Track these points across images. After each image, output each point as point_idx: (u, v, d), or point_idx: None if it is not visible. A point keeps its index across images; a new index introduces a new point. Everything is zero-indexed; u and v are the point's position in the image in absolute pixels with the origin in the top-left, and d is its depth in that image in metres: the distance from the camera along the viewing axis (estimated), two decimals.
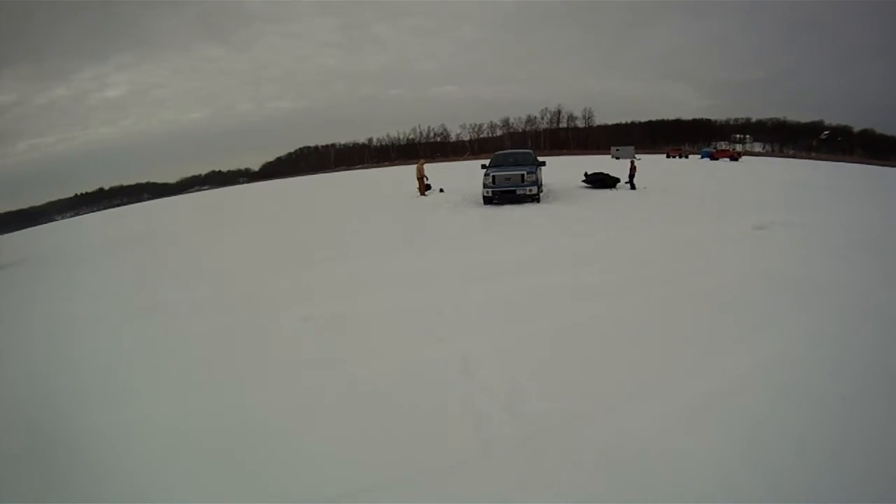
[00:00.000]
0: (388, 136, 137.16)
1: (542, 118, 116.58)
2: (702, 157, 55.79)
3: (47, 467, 2.74)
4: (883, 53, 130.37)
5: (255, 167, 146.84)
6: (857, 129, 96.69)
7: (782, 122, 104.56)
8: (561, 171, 21.42)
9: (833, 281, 5.13)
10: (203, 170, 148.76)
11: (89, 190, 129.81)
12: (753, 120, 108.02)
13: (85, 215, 64.87)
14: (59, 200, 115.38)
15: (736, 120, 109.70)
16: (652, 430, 2.61)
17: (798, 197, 13.77)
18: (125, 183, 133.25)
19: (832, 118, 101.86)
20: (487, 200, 13.37)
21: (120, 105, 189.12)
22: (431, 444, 2.64)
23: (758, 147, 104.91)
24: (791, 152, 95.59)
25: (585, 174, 17.97)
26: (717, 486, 2.20)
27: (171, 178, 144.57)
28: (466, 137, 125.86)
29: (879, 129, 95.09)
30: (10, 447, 2.97)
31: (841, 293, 4.72)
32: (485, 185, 13.40)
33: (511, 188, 13.07)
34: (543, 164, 14.86)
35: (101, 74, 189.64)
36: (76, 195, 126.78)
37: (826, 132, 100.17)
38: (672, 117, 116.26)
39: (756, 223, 8.50)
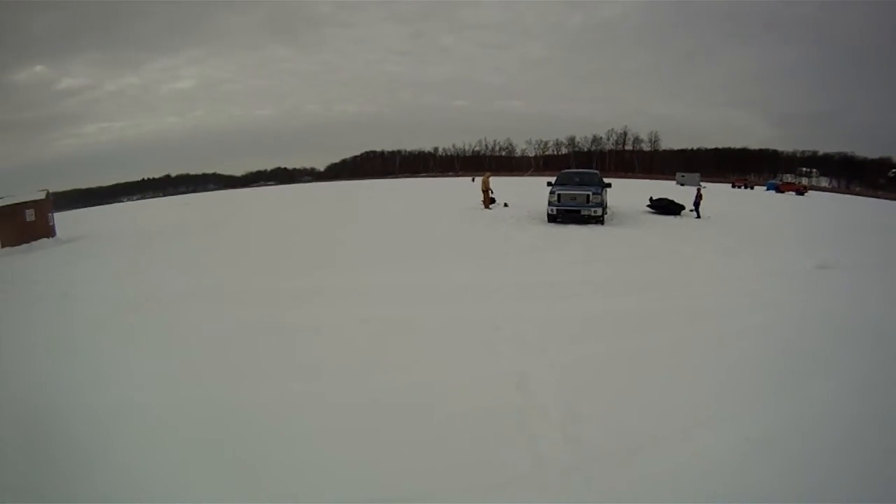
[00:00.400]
0: (453, 146, 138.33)
1: (608, 139, 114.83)
2: (767, 189, 53.66)
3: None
4: None
5: (321, 167, 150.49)
6: None
7: (850, 158, 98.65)
8: (626, 193, 21.25)
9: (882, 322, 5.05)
10: (269, 165, 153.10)
11: (156, 176, 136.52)
12: (820, 153, 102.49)
13: (150, 199, 68.99)
14: (127, 183, 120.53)
15: (803, 152, 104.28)
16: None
17: (864, 237, 13.26)
18: (191, 172, 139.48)
19: None
20: (552, 218, 13.44)
21: (189, 97, 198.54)
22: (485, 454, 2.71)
23: (824, 182, 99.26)
24: (857, 189, 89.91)
25: (650, 199, 17.81)
26: None
27: (237, 171, 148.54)
28: (531, 153, 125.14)
29: None
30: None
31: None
32: (550, 203, 13.48)
33: (576, 208, 13.13)
34: (609, 185, 14.85)
35: (171, 66, 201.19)
36: (143, 179, 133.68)
37: (894, 170, 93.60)
38: (738, 146, 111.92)
39: (819, 262, 8.38)
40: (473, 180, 32.36)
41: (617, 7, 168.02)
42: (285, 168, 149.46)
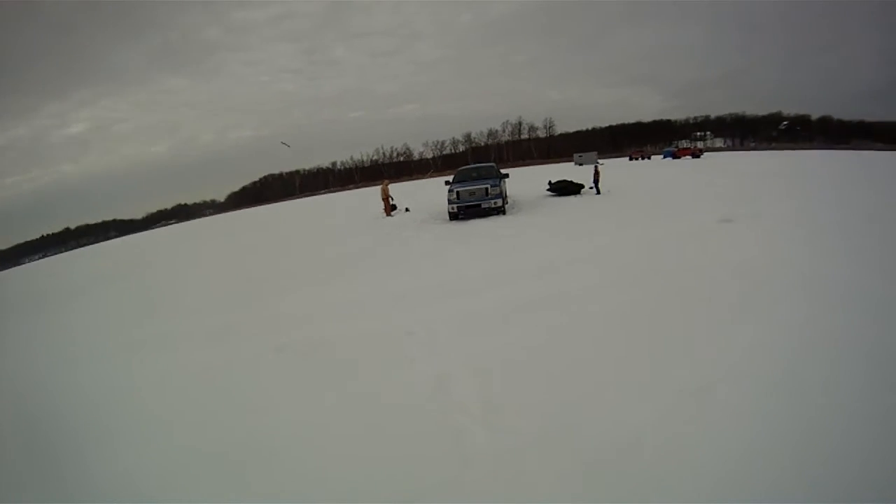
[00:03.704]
0: (351, 158, 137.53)
1: (504, 131, 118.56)
2: (664, 157, 57.29)
3: None
4: (834, 48, 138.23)
5: (221, 198, 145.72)
6: (815, 116, 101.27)
7: (741, 117, 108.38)
8: (525, 181, 21.60)
9: (799, 267, 5.25)
10: (169, 204, 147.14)
11: (55, 230, 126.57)
12: (713, 117, 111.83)
13: (52, 257, 62.74)
14: (26, 243, 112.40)
15: (696, 118, 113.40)
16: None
17: (758, 187, 14.28)
18: (91, 221, 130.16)
19: (790, 109, 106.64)
20: (453, 216, 13.34)
21: (82, 142, 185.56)
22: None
23: (719, 143, 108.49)
24: (752, 145, 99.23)
25: (549, 182, 18.10)
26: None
27: (138, 214, 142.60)
28: (429, 155, 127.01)
29: (837, 116, 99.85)
30: None
31: (806, 277, 4.85)
32: (450, 202, 13.40)
33: (476, 202, 13.08)
34: (507, 176, 14.96)
35: (61, 111, 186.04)
36: (42, 236, 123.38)
37: (785, 122, 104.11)
38: (632, 121, 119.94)
39: (721, 217, 8.68)
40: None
41: (506, 5, 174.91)
42: (185, 204, 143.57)
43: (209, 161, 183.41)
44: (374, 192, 30.25)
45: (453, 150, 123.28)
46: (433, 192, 20.84)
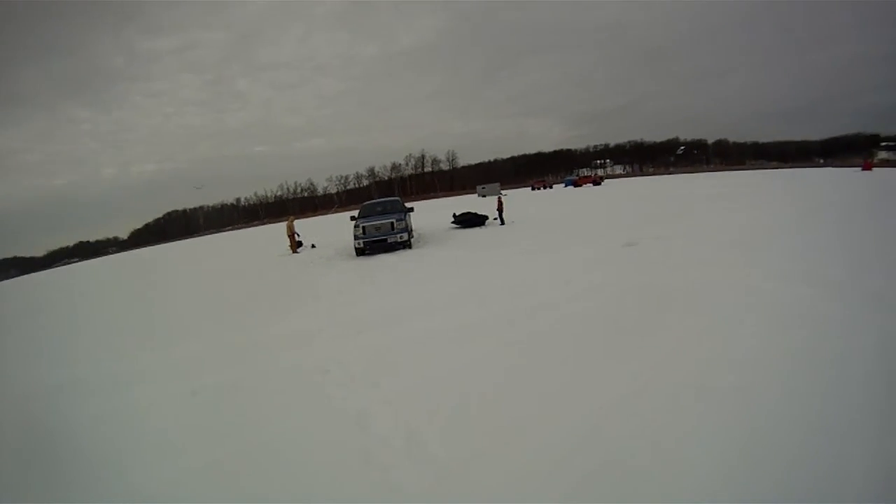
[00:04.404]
0: (255, 195, 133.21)
1: (407, 164, 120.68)
2: (566, 186, 60.52)
3: None
4: (726, 74, 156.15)
5: (124, 235, 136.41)
6: (711, 140, 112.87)
7: (640, 144, 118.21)
8: (430, 214, 22.17)
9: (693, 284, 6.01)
10: (71, 241, 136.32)
11: None
12: (612, 145, 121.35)
13: None
14: None
15: (596, 146, 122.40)
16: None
17: (656, 211, 15.69)
18: None
19: (688, 135, 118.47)
20: (360, 252, 13.43)
21: None
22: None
23: (619, 170, 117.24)
24: (651, 170, 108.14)
25: (454, 215, 18.68)
26: None
27: (39, 252, 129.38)
28: (333, 190, 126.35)
29: (732, 139, 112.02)
30: None
31: (714, 291, 5.60)
32: (356, 237, 13.49)
33: (382, 237, 13.28)
34: (412, 209, 15.31)
35: None
36: None
37: (682, 147, 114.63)
38: (533, 151, 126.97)
39: (625, 241, 9.50)
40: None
41: (411, 36, 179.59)
42: (88, 241, 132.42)
43: (112, 196, 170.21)
44: (280, 228, 29.40)
45: (357, 185, 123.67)
46: (338, 227, 20.70)
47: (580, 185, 57.93)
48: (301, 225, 19.17)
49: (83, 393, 5.01)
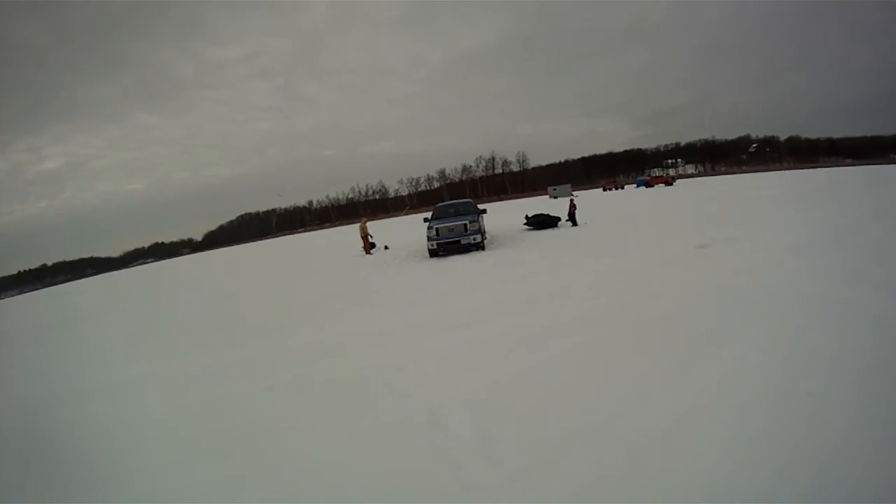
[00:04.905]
0: (327, 197, 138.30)
1: (478, 166, 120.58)
2: (637, 187, 58.71)
3: None
4: (799, 65, 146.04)
5: (198, 237, 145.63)
6: (783, 137, 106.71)
7: (711, 142, 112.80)
8: (502, 215, 21.93)
9: (770, 287, 5.57)
10: (146, 242, 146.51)
11: (32, 267, 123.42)
12: (683, 144, 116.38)
13: (30, 293, 60.78)
14: (2, 278, 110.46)
15: (666, 146, 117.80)
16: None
17: (731, 212, 14.89)
18: (68, 258, 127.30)
19: (759, 131, 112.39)
20: (433, 253, 13.43)
21: (57, 177, 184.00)
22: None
23: (690, 169, 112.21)
24: (723, 169, 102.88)
25: (526, 217, 18.45)
26: None
27: (115, 252, 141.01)
28: (405, 192, 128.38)
29: (805, 135, 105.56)
30: None
31: (783, 296, 5.16)
32: (429, 239, 13.49)
33: (455, 238, 13.20)
34: (484, 211, 15.15)
35: (36, 146, 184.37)
36: (19, 272, 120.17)
37: (754, 145, 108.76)
38: (604, 151, 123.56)
39: (698, 243, 9.06)
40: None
41: (475, 38, 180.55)
42: (163, 242, 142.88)
43: (185, 199, 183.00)
44: (352, 230, 30.20)
45: (428, 187, 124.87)
46: (410, 229, 20.89)
47: (652, 186, 55.98)
48: (373, 226, 19.51)
49: (184, 382, 5.28)
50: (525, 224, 18.08)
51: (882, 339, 3.71)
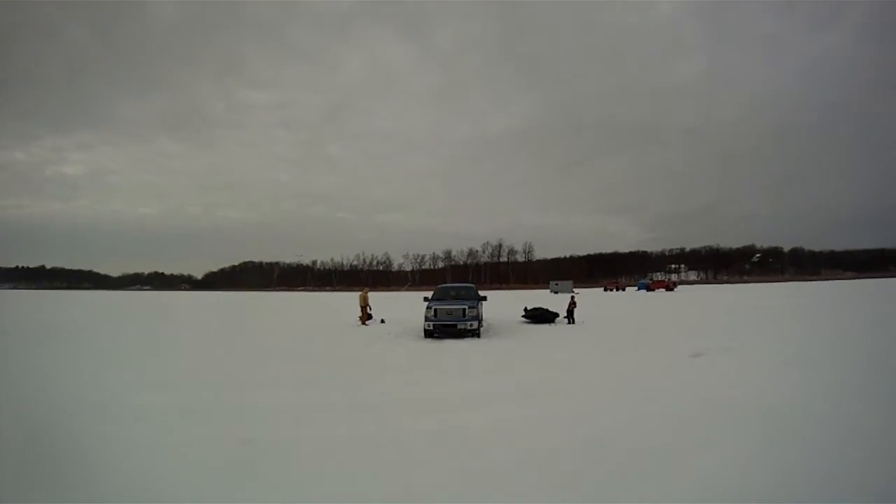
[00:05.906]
0: (332, 260, 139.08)
1: (484, 251, 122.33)
2: (638, 290, 59.33)
3: None
4: (806, 176, 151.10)
5: (198, 275, 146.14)
6: (787, 248, 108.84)
7: (716, 250, 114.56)
8: (501, 305, 22.08)
9: (762, 402, 5.57)
10: (146, 269, 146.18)
11: (32, 265, 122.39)
12: (688, 249, 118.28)
13: (24, 290, 59.91)
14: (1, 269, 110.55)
15: (671, 251, 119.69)
16: None
17: (728, 322, 15.11)
18: (67, 266, 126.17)
19: (764, 241, 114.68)
20: (428, 334, 13.43)
21: (74, 183, 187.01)
22: None
23: (692, 275, 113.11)
24: (724, 278, 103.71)
25: (525, 309, 18.54)
26: None
27: (113, 272, 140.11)
28: (408, 268, 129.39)
29: (808, 247, 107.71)
30: None
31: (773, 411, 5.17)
32: (426, 318, 13.53)
33: (452, 322, 13.25)
34: (485, 298, 15.32)
35: (60, 147, 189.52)
36: (18, 267, 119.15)
37: (757, 255, 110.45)
38: (609, 251, 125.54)
39: (692, 352, 9.18)
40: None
41: (501, 120, 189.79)
42: (163, 273, 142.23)
43: (194, 234, 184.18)
44: (352, 297, 30.24)
45: (432, 266, 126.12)
46: (409, 305, 20.96)
47: (653, 290, 56.98)
48: (373, 298, 19.64)
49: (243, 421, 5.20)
50: (523, 316, 18.14)
51: None
